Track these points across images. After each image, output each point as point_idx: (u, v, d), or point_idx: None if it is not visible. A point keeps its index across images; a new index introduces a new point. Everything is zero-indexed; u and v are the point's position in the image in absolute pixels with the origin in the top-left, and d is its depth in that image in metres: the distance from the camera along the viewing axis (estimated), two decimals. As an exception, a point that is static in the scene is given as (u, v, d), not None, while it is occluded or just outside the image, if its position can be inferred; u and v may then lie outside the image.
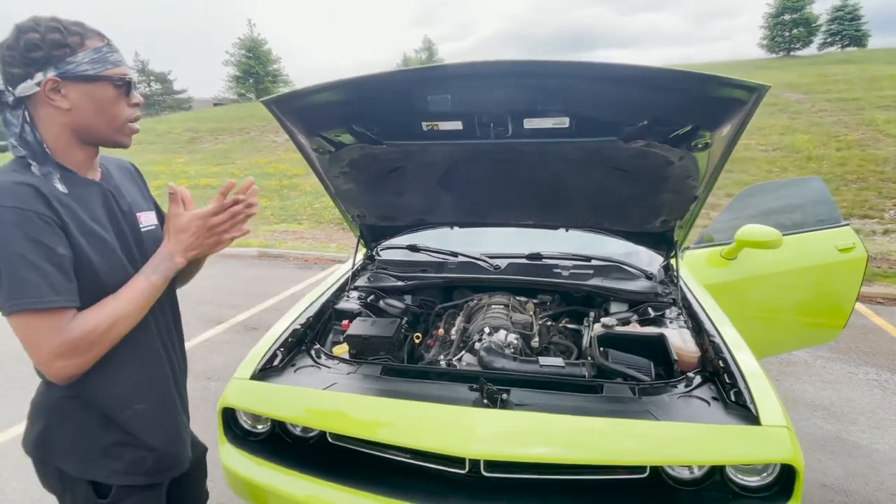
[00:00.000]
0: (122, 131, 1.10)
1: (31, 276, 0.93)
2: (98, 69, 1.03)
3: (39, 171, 1.02)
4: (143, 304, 1.08)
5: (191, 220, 1.13)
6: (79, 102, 1.03)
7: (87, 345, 0.99)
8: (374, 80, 1.61)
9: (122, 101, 1.08)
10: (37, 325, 0.95)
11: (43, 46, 0.98)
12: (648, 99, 1.55)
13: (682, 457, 1.40)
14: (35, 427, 1.14)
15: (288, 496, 1.56)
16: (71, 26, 1.02)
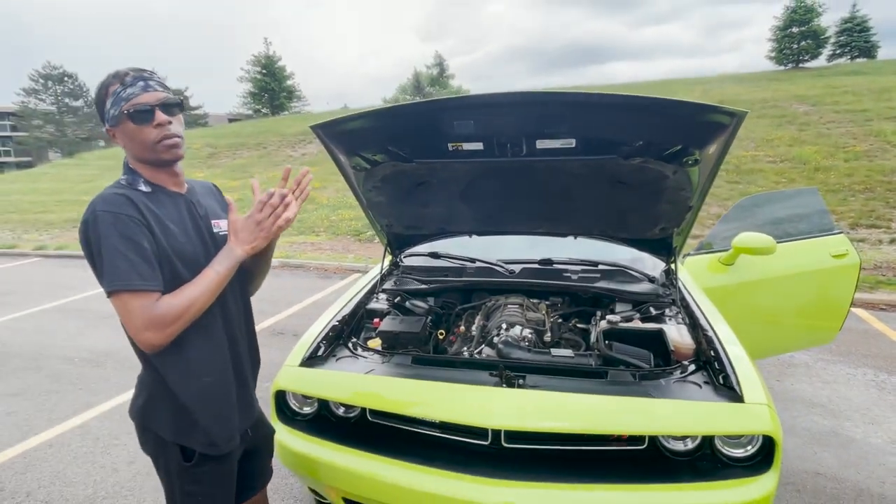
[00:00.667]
0: (155, 151, 1.29)
1: (122, 265, 1.18)
2: (116, 110, 1.25)
3: (126, 181, 1.31)
4: (213, 290, 1.30)
5: (243, 220, 1.37)
6: (122, 140, 1.30)
7: (168, 321, 1.21)
8: (408, 108, 1.89)
9: (144, 127, 1.26)
10: (128, 303, 1.19)
11: (97, 107, 1.31)
12: (643, 122, 1.81)
13: (676, 428, 1.64)
14: (139, 399, 1.39)
15: (333, 465, 1.81)
16: (104, 81, 1.27)
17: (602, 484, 1.62)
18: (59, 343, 4.88)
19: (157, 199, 1.31)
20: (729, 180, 10.36)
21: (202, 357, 1.38)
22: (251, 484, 1.65)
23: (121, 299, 1.19)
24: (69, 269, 8.49)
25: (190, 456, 1.37)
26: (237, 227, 1.36)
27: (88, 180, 17.90)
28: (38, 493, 2.65)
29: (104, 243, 1.18)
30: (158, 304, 1.21)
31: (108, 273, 1.18)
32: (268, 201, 1.35)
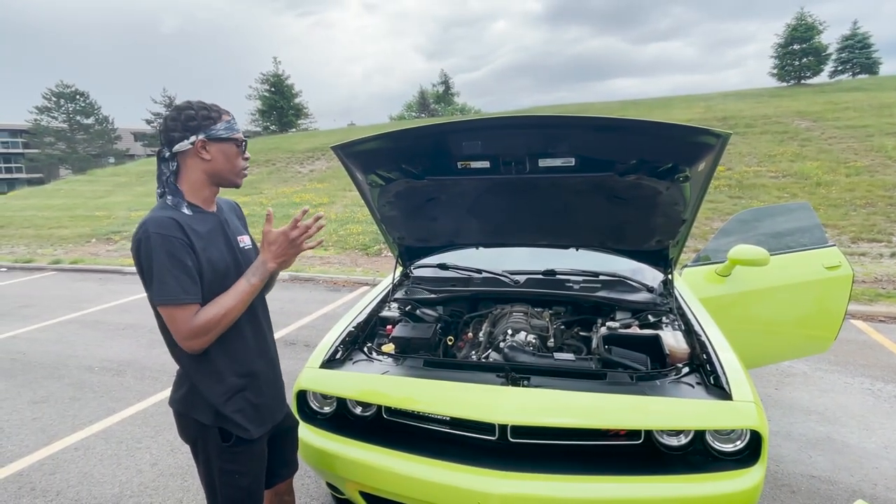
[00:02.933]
0: (239, 175, 1.58)
1: (170, 281, 1.37)
2: (228, 134, 1.51)
3: (172, 202, 1.49)
4: (246, 299, 1.50)
5: (277, 234, 1.54)
6: (216, 155, 1.50)
7: (206, 329, 1.42)
8: (421, 130, 2.07)
9: (240, 156, 1.56)
10: (174, 314, 1.39)
11: (197, 118, 1.47)
12: (637, 143, 1.98)
13: (670, 423, 1.77)
14: (181, 390, 1.57)
15: (351, 460, 1.95)
16: (212, 106, 1.52)
17: (601, 476, 1.76)
18: (78, 353, 5.04)
19: (196, 221, 1.50)
20: (731, 195, 10.50)
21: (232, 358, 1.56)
22: (278, 471, 1.81)
23: (168, 311, 1.40)
24: (84, 283, 8.69)
25: (228, 437, 1.55)
26: (269, 240, 1.54)
27: (101, 196, 18.24)
28: (68, 492, 2.79)
29: (155, 261, 1.37)
30: (199, 316, 1.41)
31: (158, 288, 1.38)
32: (301, 219, 1.53)
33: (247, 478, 1.59)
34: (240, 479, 1.58)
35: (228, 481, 1.57)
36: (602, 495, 1.72)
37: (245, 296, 1.49)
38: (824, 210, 9.16)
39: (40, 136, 38.95)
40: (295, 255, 1.57)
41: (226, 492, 1.57)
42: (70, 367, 4.66)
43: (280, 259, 1.55)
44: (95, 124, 40.85)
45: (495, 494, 1.73)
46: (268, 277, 1.55)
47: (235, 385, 1.55)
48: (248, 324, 1.61)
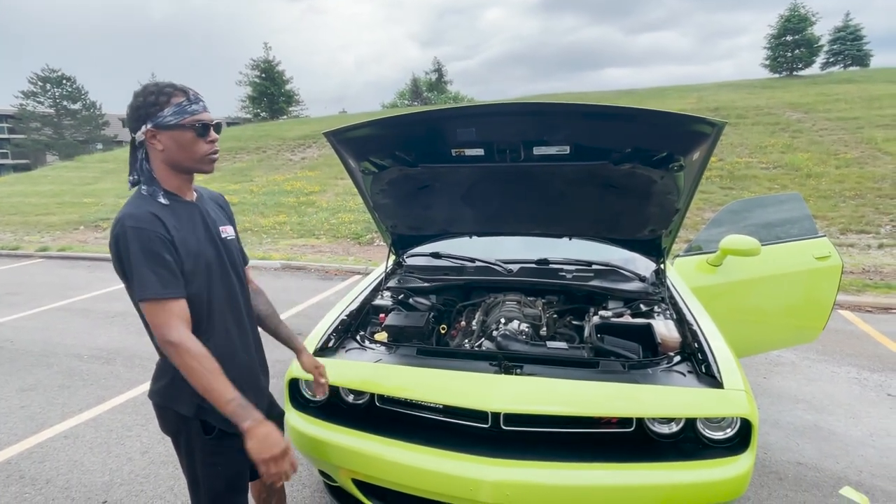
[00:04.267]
0: (203, 162, 1.46)
1: (149, 276, 1.32)
2: (178, 119, 1.38)
3: (147, 192, 1.44)
4: (210, 392, 1.31)
5: (280, 446, 1.35)
6: (168, 144, 1.40)
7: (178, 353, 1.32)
8: (414, 116, 2.04)
9: (199, 140, 1.42)
10: (155, 310, 1.33)
11: (144, 106, 1.40)
12: (632, 131, 1.97)
13: (662, 411, 1.78)
14: (161, 382, 1.53)
15: (344, 448, 1.94)
16: (164, 88, 1.39)
17: (593, 463, 1.76)
18: (67, 341, 5.00)
19: (174, 212, 1.44)
20: (723, 186, 10.56)
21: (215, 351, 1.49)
22: None
23: (149, 306, 1.34)
24: (72, 270, 8.60)
25: (210, 429, 1.51)
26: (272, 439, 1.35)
27: (88, 183, 18.01)
28: (58, 480, 2.77)
29: (133, 257, 1.33)
30: (189, 340, 1.33)
31: (138, 284, 1.33)
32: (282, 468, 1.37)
33: (230, 470, 1.57)
34: (223, 472, 1.55)
35: (212, 473, 1.54)
36: (594, 482, 1.73)
37: (212, 396, 1.33)
38: (814, 201, 9.24)
39: (26, 122, 38.30)
40: (264, 462, 1.35)
41: (209, 484, 1.54)
42: (59, 354, 4.61)
43: (253, 451, 1.34)
44: (82, 110, 40.22)
45: (487, 481, 1.73)
46: (235, 420, 1.34)
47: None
48: (233, 318, 1.57)
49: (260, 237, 10.71)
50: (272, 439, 1.34)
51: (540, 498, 1.75)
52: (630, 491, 1.72)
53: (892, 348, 4.35)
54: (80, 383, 3.97)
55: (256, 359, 1.71)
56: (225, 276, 1.55)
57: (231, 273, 1.58)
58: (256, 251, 9.47)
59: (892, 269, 6.66)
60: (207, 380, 1.33)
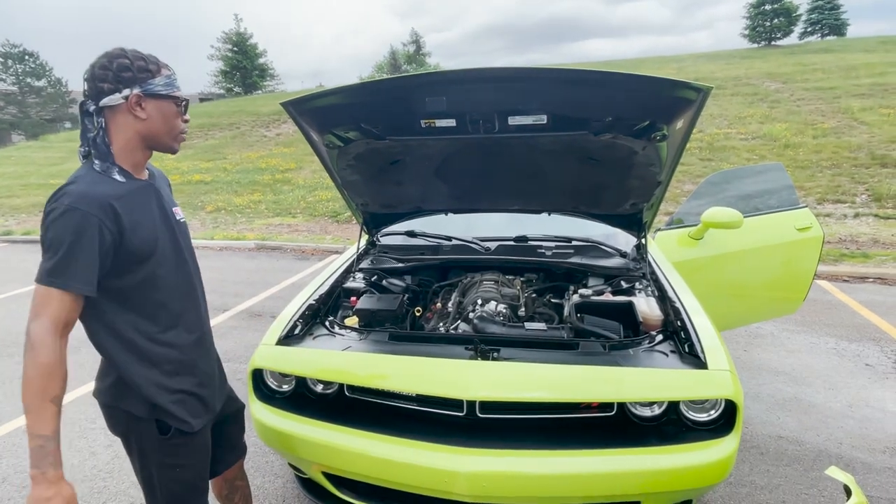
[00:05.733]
0: (176, 139, 1.39)
1: (70, 265, 1.18)
2: (168, 90, 1.32)
3: (101, 168, 1.29)
4: (32, 413, 1.18)
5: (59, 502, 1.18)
6: (152, 114, 1.31)
7: (31, 350, 1.18)
8: (380, 84, 1.88)
9: (179, 116, 1.38)
10: (51, 297, 1.18)
11: (132, 69, 1.26)
12: (612, 98, 1.84)
13: (644, 395, 1.70)
14: (107, 379, 1.40)
15: (313, 441, 1.83)
16: (150, 57, 1.32)
17: (572, 450, 1.68)
18: (29, 329, 4.78)
19: (129, 192, 1.31)
20: (702, 157, 10.53)
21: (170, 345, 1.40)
22: (224, 458, 1.69)
23: (47, 291, 1.19)
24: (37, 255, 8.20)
25: (166, 429, 1.39)
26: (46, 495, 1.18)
27: (55, 163, 17.34)
28: (14, 478, 2.63)
29: (57, 235, 1.19)
30: (46, 339, 1.18)
31: (51, 265, 1.19)
32: None
33: (189, 471, 1.46)
34: (181, 473, 1.44)
35: (169, 476, 1.42)
36: (573, 470, 1.65)
37: (30, 419, 1.18)
38: (791, 171, 9.25)
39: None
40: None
41: (167, 487, 1.43)
42: (20, 343, 4.39)
43: (31, 500, 1.18)
44: (48, 87, 38.52)
45: (463, 473, 1.64)
46: (31, 465, 1.19)
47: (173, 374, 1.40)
48: (190, 303, 1.46)
49: (234, 217, 10.43)
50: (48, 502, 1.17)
51: (518, 488, 1.67)
52: (611, 478, 1.65)
53: (868, 318, 4.37)
54: (42, 374, 3.79)
55: (212, 353, 1.59)
56: (180, 260, 1.44)
57: (186, 256, 1.47)
58: (230, 231, 9.21)
59: (867, 239, 6.72)
60: (34, 398, 1.17)
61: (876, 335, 4.02)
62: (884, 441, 2.71)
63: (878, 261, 5.82)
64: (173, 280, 1.40)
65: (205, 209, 11.00)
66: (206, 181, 12.74)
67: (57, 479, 1.19)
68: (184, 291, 1.44)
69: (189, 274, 1.47)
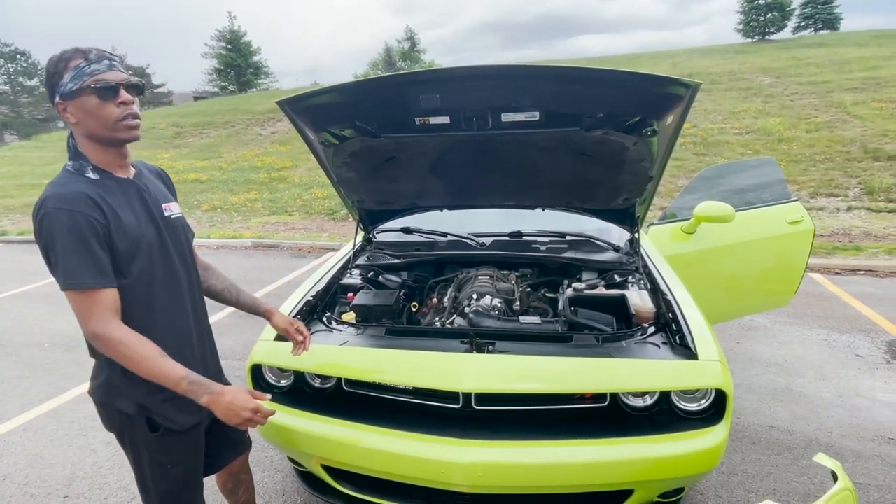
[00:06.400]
0: (116, 129, 1.28)
1: (76, 264, 1.20)
2: (77, 84, 1.22)
3: (73, 167, 1.29)
4: (158, 377, 1.25)
5: (251, 405, 1.31)
6: (77, 114, 1.26)
7: (112, 347, 1.23)
8: (375, 82, 1.91)
9: (108, 103, 1.25)
10: (80, 301, 1.22)
11: (48, 78, 1.25)
12: (603, 94, 1.87)
13: (636, 385, 1.74)
14: (99, 378, 1.41)
15: (311, 434, 1.86)
16: (64, 54, 1.24)
17: (567, 440, 1.72)
18: (27, 329, 4.79)
19: (106, 188, 1.30)
20: (696, 152, 10.58)
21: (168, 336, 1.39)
22: (226, 454, 1.71)
23: (74, 296, 1.22)
24: (33, 255, 8.21)
25: (156, 427, 1.41)
26: (240, 401, 1.31)
27: (49, 163, 17.24)
28: (16, 475, 2.65)
29: (59, 242, 1.20)
30: (121, 330, 1.23)
31: (63, 271, 1.21)
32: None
33: (181, 469, 1.48)
34: (172, 471, 1.46)
35: (161, 473, 1.45)
36: (568, 459, 1.68)
37: (163, 377, 1.26)
38: (785, 166, 9.31)
39: (-20, 100, 36.42)
40: (231, 419, 1.31)
41: (158, 483, 1.45)
42: (17, 343, 4.42)
43: (218, 408, 1.30)
44: (40, 86, 38.27)
45: (460, 463, 1.67)
46: (194, 398, 1.29)
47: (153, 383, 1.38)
48: (177, 304, 1.44)
49: (230, 215, 10.42)
50: (237, 404, 1.30)
51: (513, 478, 1.71)
52: (605, 467, 1.69)
53: (860, 309, 4.43)
54: (41, 373, 3.81)
55: (205, 351, 1.57)
56: (166, 259, 1.41)
57: (174, 254, 1.43)
58: (227, 230, 9.21)
59: (859, 232, 6.79)
60: (150, 365, 1.25)
61: (867, 326, 4.07)
62: (873, 430, 2.76)
63: (870, 253, 5.88)
64: (160, 278, 1.38)
65: (201, 208, 10.99)
66: (201, 180, 12.71)
67: (222, 388, 1.31)
68: (171, 289, 1.42)
69: (175, 271, 1.43)
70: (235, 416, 1.30)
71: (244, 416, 1.30)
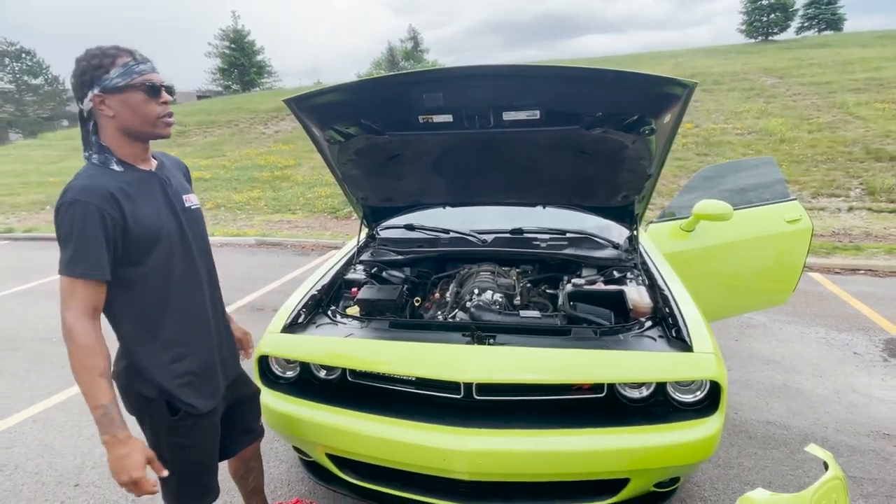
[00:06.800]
0: (156, 125, 1.38)
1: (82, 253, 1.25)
2: (126, 80, 1.30)
3: (99, 160, 1.35)
4: (85, 391, 1.27)
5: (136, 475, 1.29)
6: (118, 109, 1.32)
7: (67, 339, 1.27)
8: (379, 81, 1.96)
9: (151, 101, 1.34)
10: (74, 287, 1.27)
11: (87, 71, 1.30)
12: (601, 94, 1.92)
13: (633, 376, 1.79)
14: (122, 363, 1.48)
15: (317, 423, 1.92)
16: (108, 50, 1.31)
17: (565, 429, 1.77)
18: (34, 325, 4.86)
19: (130, 180, 1.36)
20: (698, 152, 10.61)
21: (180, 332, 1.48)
22: (240, 439, 1.77)
23: (70, 282, 1.28)
24: (39, 252, 8.33)
25: (176, 411, 1.47)
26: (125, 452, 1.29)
27: (54, 161, 17.37)
28: (27, 465, 2.71)
29: (66, 229, 1.27)
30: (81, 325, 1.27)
31: (63, 257, 1.27)
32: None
33: (197, 451, 1.54)
34: (189, 453, 1.53)
35: (178, 456, 1.51)
36: (566, 448, 1.74)
37: (85, 396, 1.28)
38: (787, 166, 9.35)
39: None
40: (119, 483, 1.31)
41: (175, 465, 1.50)
42: (26, 339, 4.49)
43: (110, 468, 1.30)
44: (45, 85, 38.50)
45: (462, 451, 1.73)
46: (100, 432, 1.29)
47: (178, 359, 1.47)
48: (195, 293, 1.51)
49: (234, 213, 10.50)
50: (127, 462, 1.28)
51: (513, 465, 1.76)
52: (602, 455, 1.73)
53: (859, 308, 4.47)
54: (49, 367, 3.87)
55: (221, 339, 1.64)
56: (186, 249, 1.48)
57: (194, 245, 1.51)
58: (230, 227, 9.28)
59: (860, 232, 6.82)
60: (85, 376, 1.27)
61: (865, 325, 4.11)
62: (868, 425, 2.80)
63: (870, 253, 5.92)
64: (179, 267, 1.45)
65: (205, 206, 11.05)
66: (205, 178, 12.80)
67: (126, 437, 1.30)
68: (190, 278, 1.49)
69: (194, 261, 1.50)
70: (120, 471, 1.28)
71: (122, 479, 1.29)
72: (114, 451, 1.29)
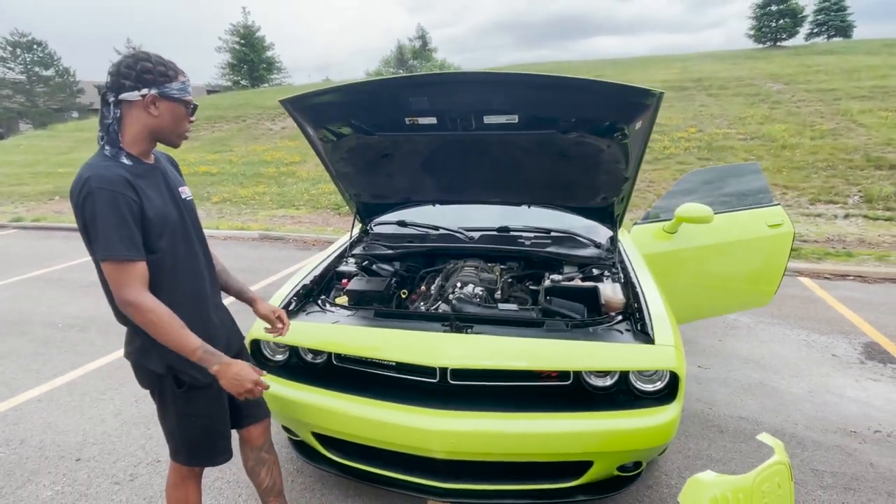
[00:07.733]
0: (181, 137, 1.60)
1: (115, 238, 1.40)
2: (182, 95, 1.52)
3: (110, 153, 1.49)
4: (178, 344, 1.45)
5: (252, 377, 1.54)
6: (164, 113, 1.51)
7: (141, 314, 1.42)
8: (368, 84, 2.10)
9: (187, 118, 1.58)
10: (118, 270, 1.42)
11: (153, 73, 1.47)
12: (574, 101, 2.05)
13: (598, 364, 1.92)
14: (134, 343, 1.62)
15: (304, 403, 2.06)
16: (170, 63, 1.53)
17: (533, 413, 1.90)
18: (41, 310, 5.03)
19: (137, 172, 1.51)
20: (700, 157, 10.68)
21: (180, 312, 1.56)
22: (250, 412, 1.89)
23: (111, 266, 1.42)
24: (47, 241, 8.54)
25: (181, 383, 1.62)
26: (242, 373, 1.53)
27: (63, 152, 17.62)
28: (32, 440, 2.86)
29: (100, 218, 1.40)
30: (149, 299, 1.43)
31: (103, 243, 1.40)
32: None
33: (204, 419, 1.69)
34: (197, 421, 1.68)
35: (187, 424, 1.67)
36: (534, 430, 1.87)
37: (180, 345, 1.47)
38: (787, 172, 9.42)
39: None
40: (233, 388, 1.53)
41: (186, 432, 1.67)
42: (34, 323, 4.66)
43: (224, 378, 1.51)
44: (56, 76, 38.85)
45: (436, 431, 1.86)
46: (205, 366, 1.51)
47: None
48: (195, 277, 1.66)
49: (239, 208, 10.67)
50: (242, 375, 1.52)
51: (484, 445, 1.89)
52: (567, 437, 1.87)
53: (843, 313, 4.56)
54: (55, 350, 4.03)
55: (221, 319, 1.79)
56: (186, 236, 1.63)
57: (192, 232, 1.66)
58: (235, 221, 9.45)
59: (854, 238, 6.89)
60: (170, 334, 1.45)
61: (847, 329, 4.21)
62: (836, 423, 2.91)
63: (860, 259, 6.00)
64: (182, 253, 1.60)
65: (210, 200, 11.25)
66: (212, 173, 12.98)
67: (231, 360, 1.53)
68: (191, 263, 1.64)
69: (194, 247, 1.66)
70: (240, 385, 1.52)
71: (246, 387, 1.52)
72: (227, 374, 1.51)
